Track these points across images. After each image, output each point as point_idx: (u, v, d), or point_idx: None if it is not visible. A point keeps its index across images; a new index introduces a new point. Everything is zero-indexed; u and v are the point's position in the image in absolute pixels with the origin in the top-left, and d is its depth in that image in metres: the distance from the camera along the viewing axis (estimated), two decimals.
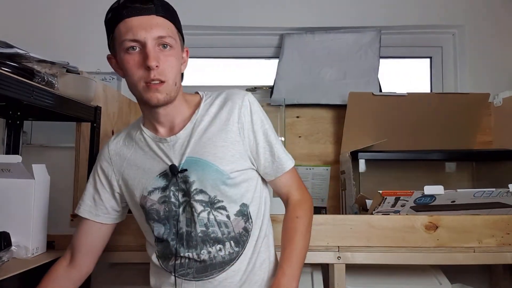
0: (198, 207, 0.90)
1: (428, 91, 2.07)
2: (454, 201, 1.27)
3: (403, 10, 1.96)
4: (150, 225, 0.95)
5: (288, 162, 0.99)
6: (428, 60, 2.10)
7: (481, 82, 1.90)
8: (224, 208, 0.91)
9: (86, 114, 1.22)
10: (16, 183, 1.05)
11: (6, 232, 1.01)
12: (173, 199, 0.91)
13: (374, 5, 1.96)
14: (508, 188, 1.23)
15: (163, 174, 0.92)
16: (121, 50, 0.86)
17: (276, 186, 1.02)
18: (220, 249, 0.90)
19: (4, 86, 0.83)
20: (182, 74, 0.97)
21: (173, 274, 0.92)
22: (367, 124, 1.67)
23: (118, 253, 1.28)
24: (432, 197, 1.24)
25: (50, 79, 1.05)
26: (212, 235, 0.90)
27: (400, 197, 1.23)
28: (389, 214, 1.29)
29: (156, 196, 0.92)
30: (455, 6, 1.95)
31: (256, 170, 0.99)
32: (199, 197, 0.90)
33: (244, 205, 0.93)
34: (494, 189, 1.23)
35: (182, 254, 0.91)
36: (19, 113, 1.28)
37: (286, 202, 1.02)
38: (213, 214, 0.90)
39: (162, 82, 0.85)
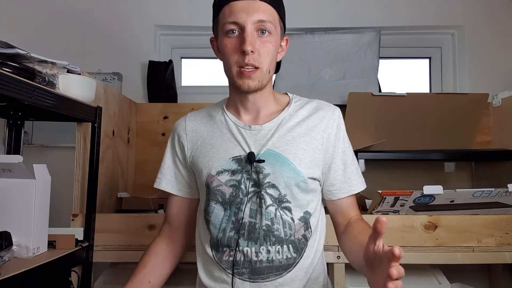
0: (268, 200, 0.88)
1: (428, 91, 2.08)
2: (453, 201, 1.28)
3: (402, 10, 1.97)
4: (210, 207, 0.92)
5: (358, 185, 0.96)
6: (427, 60, 2.10)
7: (480, 82, 1.91)
8: (289, 209, 0.89)
9: (87, 114, 1.22)
10: (17, 183, 1.05)
11: (7, 232, 1.01)
12: (242, 186, 0.89)
13: (373, 5, 1.97)
14: (507, 187, 1.23)
15: (237, 159, 0.91)
16: (221, 33, 0.88)
17: (336, 206, 0.97)
18: (278, 251, 0.88)
19: (5, 86, 0.83)
20: (279, 64, 0.97)
21: (230, 271, 0.89)
22: (367, 124, 1.68)
23: (118, 253, 1.29)
24: (431, 197, 1.24)
25: (51, 80, 1.05)
26: (275, 233, 0.88)
27: (399, 197, 1.24)
28: (388, 213, 1.30)
29: (224, 178, 0.90)
30: (454, 6, 1.96)
31: (320, 185, 0.96)
32: (270, 191, 0.88)
33: (307, 213, 0.91)
34: (493, 189, 1.24)
35: (241, 247, 0.88)
36: (20, 113, 1.28)
37: (346, 222, 0.95)
38: (279, 212, 0.89)
39: (256, 68, 0.86)
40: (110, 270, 1.41)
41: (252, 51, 0.84)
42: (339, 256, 1.24)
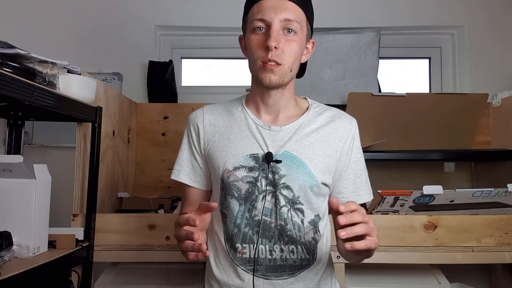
0: (282, 201, 0.90)
1: (427, 91, 2.08)
2: (453, 201, 1.28)
3: (402, 10, 1.97)
4: (227, 201, 0.93)
5: (365, 196, 0.98)
6: (427, 60, 2.11)
7: (479, 82, 1.91)
8: (301, 211, 0.91)
9: (87, 114, 1.22)
10: (17, 183, 1.05)
11: (7, 232, 1.01)
12: (258, 183, 0.91)
13: (373, 6, 1.97)
14: (507, 187, 1.23)
15: (254, 156, 0.92)
16: (249, 30, 0.91)
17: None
18: (292, 251, 0.90)
19: (6, 86, 0.83)
20: (304, 66, 0.99)
21: (244, 268, 0.90)
22: (367, 124, 1.68)
23: (118, 253, 1.29)
24: (431, 196, 1.24)
25: (51, 80, 1.05)
26: (288, 233, 0.90)
27: (399, 197, 1.24)
28: (388, 213, 1.30)
29: (241, 174, 0.92)
30: (454, 7, 1.96)
31: (329, 191, 0.98)
32: (284, 191, 0.90)
33: (317, 216, 0.93)
34: (492, 189, 1.24)
35: (255, 243, 0.90)
36: (20, 113, 1.28)
37: None
38: (291, 213, 0.90)
39: (278, 64, 0.88)
40: (110, 270, 1.41)
41: (275, 48, 0.86)
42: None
